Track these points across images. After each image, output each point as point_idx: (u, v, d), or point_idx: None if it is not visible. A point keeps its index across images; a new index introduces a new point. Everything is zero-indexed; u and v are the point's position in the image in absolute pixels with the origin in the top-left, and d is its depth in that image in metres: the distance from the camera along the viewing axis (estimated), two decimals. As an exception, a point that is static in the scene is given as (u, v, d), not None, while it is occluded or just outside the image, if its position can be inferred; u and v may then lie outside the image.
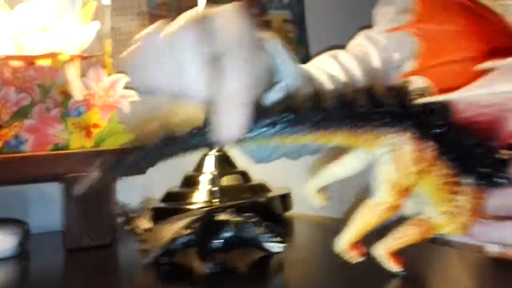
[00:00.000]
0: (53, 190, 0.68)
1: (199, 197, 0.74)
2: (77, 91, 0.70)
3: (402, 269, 0.33)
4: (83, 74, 0.73)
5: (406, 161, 0.30)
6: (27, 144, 0.70)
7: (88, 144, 0.72)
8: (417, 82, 0.33)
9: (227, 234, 0.37)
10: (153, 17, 0.95)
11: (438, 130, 0.30)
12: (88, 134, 0.72)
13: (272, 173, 0.77)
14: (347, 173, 0.34)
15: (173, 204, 0.75)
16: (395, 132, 0.30)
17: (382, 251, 0.34)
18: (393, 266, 0.34)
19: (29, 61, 0.70)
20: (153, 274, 0.39)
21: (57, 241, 0.62)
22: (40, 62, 0.71)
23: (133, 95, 0.74)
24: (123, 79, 0.74)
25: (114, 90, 0.73)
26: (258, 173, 0.79)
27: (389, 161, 0.30)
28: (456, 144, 0.31)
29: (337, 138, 0.30)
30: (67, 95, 0.71)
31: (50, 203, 0.78)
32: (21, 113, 0.70)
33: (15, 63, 0.70)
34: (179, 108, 0.30)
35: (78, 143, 0.71)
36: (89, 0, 0.74)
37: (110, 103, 0.73)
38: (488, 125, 0.30)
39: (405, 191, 0.31)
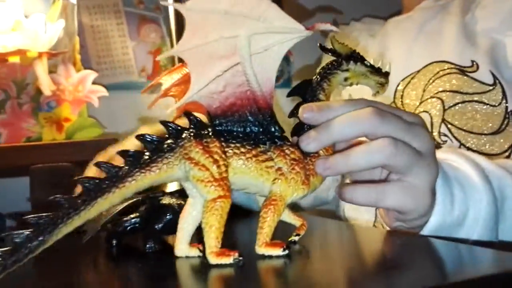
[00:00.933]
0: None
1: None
2: (46, 87, 0.73)
3: (284, 249, 0.37)
4: (55, 71, 0.77)
5: (201, 159, 0.36)
6: (1, 138, 0.73)
7: (59, 137, 0.76)
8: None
9: (169, 217, 0.42)
10: (129, 15, 0.98)
11: (208, 129, 0.37)
12: (59, 128, 0.76)
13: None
14: (200, 213, 0.37)
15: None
16: (179, 150, 0.36)
17: (260, 247, 0.37)
18: (277, 252, 0.37)
19: (1, 58, 0.74)
20: (102, 254, 0.44)
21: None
22: (11, 59, 0.75)
23: (101, 90, 0.78)
24: (92, 74, 0.77)
25: (83, 86, 0.77)
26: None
27: (191, 167, 0.36)
28: (228, 127, 0.37)
29: (142, 182, 0.35)
30: (39, 91, 0.75)
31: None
32: (-5, 108, 0.74)
33: (-14, 60, 0.74)
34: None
35: (50, 136, 0.75)
36: (57, 0, 0.77)
37: (79, 98, 0.77)
38: (237, 104, 0.37)
39: (221, 181, 0.36)
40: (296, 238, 0.42)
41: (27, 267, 0.33)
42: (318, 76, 0.42)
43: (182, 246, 0.40)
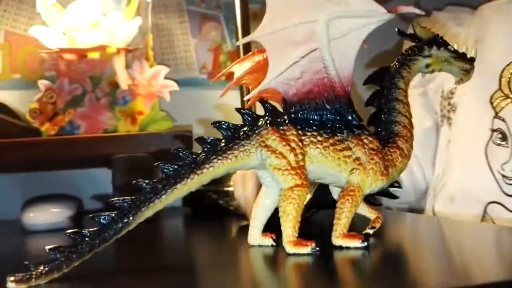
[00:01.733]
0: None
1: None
2: (123, 82, 0.76)
3: (362, 241, 0.36)
4: (129, 66, 0.79)
5: (278, 147, 0.36)
6: (80, 129, 0.77)
7: (133, 130, 0.78)
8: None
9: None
10: (191, 14, 1.00)
11: (284, 117, 0.37)
12: (133, 121, 0.79)
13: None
14: (274, 202, 0.38)
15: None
16: (255, 137, 0.37)
17: (337, 238, 0.36)
18: (355, 243, 0.36)
19: (81, 54, 0.78)
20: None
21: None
22: (91, 55, 0.78)
23: (173, 85, 0.80)
24: (164, 70, 0.80)
25: (156, 80, 0.79)
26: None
27: (268, 155, 0.36)
28: (304, 115, 0.37)
29: (219, 170, 0.36)
30: (114, 85, 0.78)
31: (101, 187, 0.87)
32: (74, 102, 0.78)
33: (68, 56, 0.78)
34: None
35: (125, 128, 0.78)
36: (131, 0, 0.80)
37: (152, 92, 0.79)
38: (314, 91, 0.37)
39: (298, 169, 0.35)
40: (371, 231, 0.40)
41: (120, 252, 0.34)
42: (397, 63, 0.40)
43: (256, 234, 0.39)
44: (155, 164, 0.36)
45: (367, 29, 0.37)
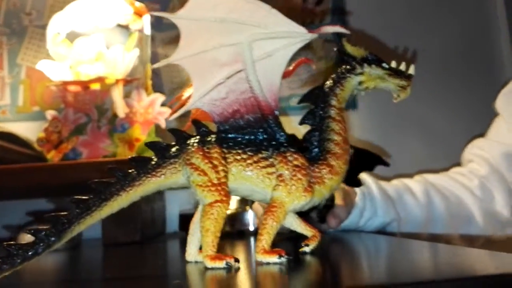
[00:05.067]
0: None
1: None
2: (121, 110, 0.80)
3: (283, 255, 0.35)
4: (129, 95, 0.84)
5: (200, 164, 0.37)
6: (82, 156, 0.82)
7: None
8: None
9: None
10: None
11: (211, 136, 0.39)
12: (131, 147, 0.82)
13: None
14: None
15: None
16: (183, 156, 0.38)
17: (259, 254, 0.36)
18: (273, 259, 0.35)
19: (84, 85, 0.83)
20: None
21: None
22: (93, 86, 0.83)
23: (168, 112, 0.83)
24: (160, 98, 0.83)
25: (152, 108, 0.83)
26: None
27: (191, 172, 0.37)
28: (231, 134, 0.38)
29: (149, 186, 0.38)
30: (115, 114, 0.83)
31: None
32: (78, 130, 0.83)
33: (73, 88, 0.83)
34: None
35: (123, 155, 0.82)
36: (133, 31, 0.85)
37: (149, 119, 0.83)
38: (240, 111, 0.38)
39: (219, 186, 0.36)
40: (307, 249, 0.40)
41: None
42: (330, 81, 0.41)
43: (191, 251, 0.40)
44: (88, 182, 0.38)
45: (292, 48, 0.38)
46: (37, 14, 1.06)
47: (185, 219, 0.80)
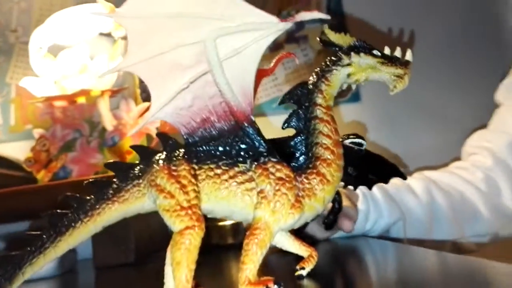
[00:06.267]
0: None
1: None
2: (108, 123, 0.76)
3: (273, 287, 0.30)
4: (118, 107, 0.79)
5: (166, 185, 0.31)
6: (73, 174, 0.77)
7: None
8: None
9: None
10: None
11: (179, 151, 0.33)
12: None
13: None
14: None
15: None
16: (147, 176, 0.33)
17: (242, 285, 0.31)
18: None
19: (69, 99, 0.79)
20: None
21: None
22: (79, 100, 0.79)
23: (158, 121, 0.78)
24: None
25: (142, 118, 0.78)
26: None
27: (157, 195, 0.32)
28: (202, 146, 0.33)
29: (110, 214, 0.33)
30: (104, 127, 0.78)
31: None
32: (67, 147, 0.79)
33: (58, 103, 0.79)
34: None
35: (116, 170, 0.77)
36: (117, 39, 0.80)
37: (139, 130, 0.78)
38: (210, 119, 0.33)
39: (189, 209, 0.31)
40: (304, 272, 0.35)
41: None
42: (314, 77, 0.35)
43: (170, 284, 0.35)
44: (43, 214, 0.33)
45: (264, 42, 0.32)
46: (23, 31, 1.02)
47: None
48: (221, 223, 0.76)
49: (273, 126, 0.89)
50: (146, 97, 0.83)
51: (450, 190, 0.71)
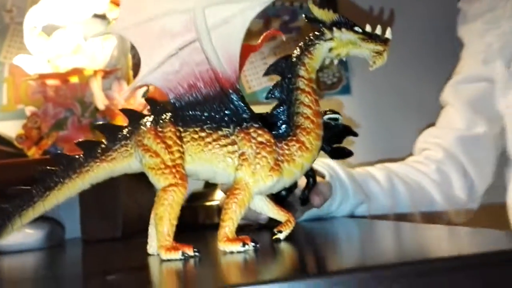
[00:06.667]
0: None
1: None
2: (100, 102, 0.77)
3: (248, 243, 0.32)
4: (110, 87, 0.81)
5: (152, 145, 0.33)
6: (63, 152, 0.78)
7: (114, 150, 0.79)
8: None
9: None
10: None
11: (166, 114, 0.35)
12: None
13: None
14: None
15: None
16: (135, 137, 0.35)
17: (221, 243, 0.33)
18: (237, 248, 0.32)
19: (62, 78, 0.80)
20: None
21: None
22: (72, 79, 0.80)
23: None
24: (142, 88, 0.80)
25: (134, 99, 0.79)
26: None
27: (143, 154, 0.34)
28: (188, 111, 0.34)
29: (98, 172, 0.35)
30: (96, 107, 0.79)
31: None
32: (59, 125, 0.80)
33: (51, 82, 0.80)
34: None
35: (106, 149, 0.79)
36: (111, 20, 0.81)
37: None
38: (197, 84, 0.35)
39: (173, 168, 0.33)
40: (281, 236, 0.36)
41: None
42: (298, 50, 0.37)
43: (153, 243, 0.37)
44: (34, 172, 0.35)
45: (250, 13, 0.34)
46: (18, 11, 1.03)
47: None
48: (208, 203, 0.78)
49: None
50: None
51: (408, 180, 0.76)
